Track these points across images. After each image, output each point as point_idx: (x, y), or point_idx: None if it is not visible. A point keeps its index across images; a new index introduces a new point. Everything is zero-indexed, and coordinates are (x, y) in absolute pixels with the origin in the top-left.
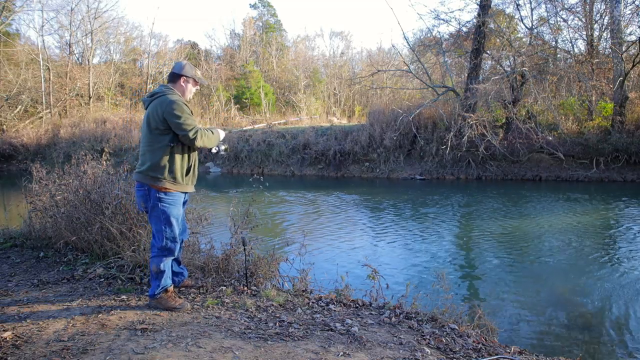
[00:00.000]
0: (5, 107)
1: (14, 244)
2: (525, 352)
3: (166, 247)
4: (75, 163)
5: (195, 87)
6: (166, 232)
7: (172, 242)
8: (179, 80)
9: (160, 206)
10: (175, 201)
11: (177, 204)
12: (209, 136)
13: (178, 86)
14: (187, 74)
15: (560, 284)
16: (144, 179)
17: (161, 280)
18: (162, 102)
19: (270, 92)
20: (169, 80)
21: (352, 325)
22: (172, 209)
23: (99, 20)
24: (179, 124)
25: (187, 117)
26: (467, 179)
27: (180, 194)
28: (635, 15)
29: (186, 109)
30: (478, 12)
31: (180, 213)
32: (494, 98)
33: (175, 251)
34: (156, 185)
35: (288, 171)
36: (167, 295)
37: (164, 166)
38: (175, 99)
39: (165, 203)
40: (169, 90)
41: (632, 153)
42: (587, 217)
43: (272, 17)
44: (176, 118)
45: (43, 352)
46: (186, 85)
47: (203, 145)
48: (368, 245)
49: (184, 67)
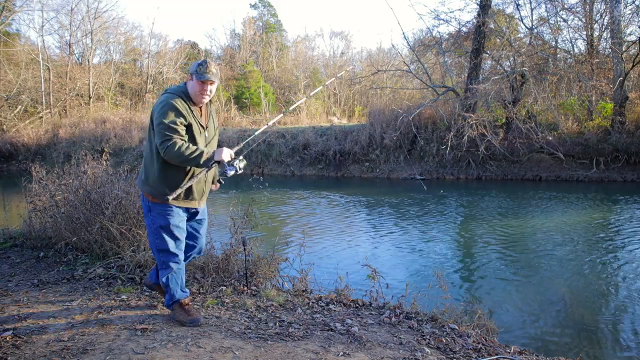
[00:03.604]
0: (5, 107)
1: (14, 244)
2: (525, 352)
3: (160, 261)
4: (75, 163)
5: (201, 85)
6: (157, 244)
7: (166, 255)
8: (189, 79)
9: (149, 216)
10: (167, 212)
11: (169, 216)
12: (185, 155)
13: (188, 86)
14: (189, 71)
15: (560, 283)
16: (139, 186)
17: (169, 292)
18: (156, 102)
19: (270, 92)
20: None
21: (352, 325)
22: (162, 220)
23: (99, 20)
24: (157, 132)
25: (167, 124)
26: (467, 179)
27: (176, 207)
28: (635, 15)
29: (171, 116)
30: (478, 12)
31: (177, 226)
32: (494, 98)
33: (173, 265)
34: (146, 193)
35: (288, 171)
36: (181, 307)
37: (154, 175)
38: (166, 99)
39: (154, 213)
40: (172, 90)
41: (632, 153)
42: (587, 217)
43: (272, 17)
44: (157, 124)
45: (43, 352)
46: (189, 82)
47: (173, 162)
48: (368, 245)
49: (194, 63)
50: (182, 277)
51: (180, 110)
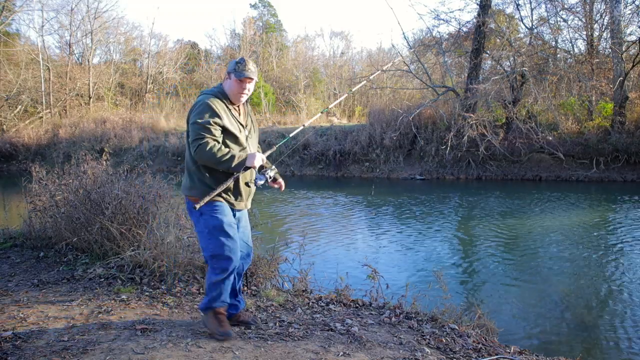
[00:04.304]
0: (5, 107)
1: (14, 244)
2: (525, 352)
3: (216, 267)
4: (75, 163)
5: (239, 84)
6: (211, 249)
7: (221, 260)
8: (226, 79)
9: (201, 220)
10: (218, 211)
11: (221, 214)
12: (216, 157)
13: (225, 85)
14: (228, 69)
15: (561, 283)
16: (184, 192)
17: (210, 295)
18: (194, 102)
19: (270, 92)
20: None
21: (352, 325)
22: (214, 220)
23: (99, 20)
24: (191, 131)
25: (201, 124)
26: (467, 179)
27: (224, 204)
28: (635, 15)
29: (206, 115)
30: (478, 12)
31: (230, 225)
32: (494, 98)
33: (229, 269)
34: (194, 197)
35: (288, 171)
36: (215, 316)
37: (199, 176)
38: (203, 99)
39: (206, 216)
40: (211, 90)
41: (632, 153)
42: (587, 217)
43: (272, 17)
44: (191, 123)
45: (43, 352)
46: (226, 82)
47: (203, 162)
48: (368, 245)
49: (231, 62)
50: (230, 285)
51: (217, 110)
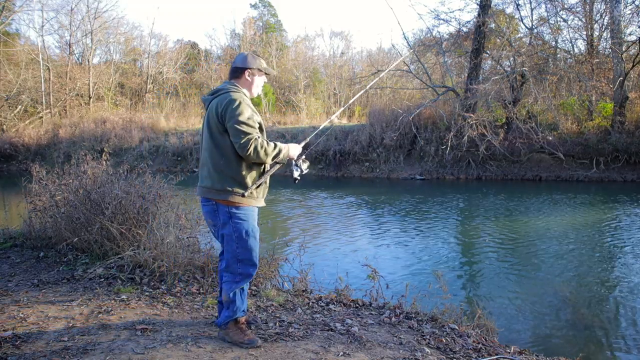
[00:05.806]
0: (5, 107)
1: (14, 244)
2: (525, 352)
3: (240, 272)
4: (75, 163)
5: (260, 76)
6: (238, 254)
7: (247, 266)
8: (243, 75)
9: (230, 223)
10: (249, 216)
11: (252, 219)
12: (268, 152)
13: (243, 82)
14: (251, 66)
15: (561, 283)
16: (208, 194)
17: (232, 308)
18: (222, 100)
19: (270, 92)
20: (231, 77)
21: (352, 325)
22: (246, 224)
23: (99, 20)
24: (236, 130)
25: (246, 122)
26: (467, 179)
27: (253, 207)
28: (635, 15)
29: (247, 112)
30: (478, 12)
31: (257, 228)
32: (494, 98)
33: (252, 275)
34: (225, 199)
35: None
36: (237, 326)
37: (231, 176)
38: (237, 97)
39: (236, 219)
40: (233, 87)
41: (632, 153)
42: (587, 217)
43: (272, 17)
44: (234, 122)
45: (43, 352)
46: (252, 78)
47: (253, 159)
48: (368, 245)
49: (246, 58)
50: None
51: (253, 108)
